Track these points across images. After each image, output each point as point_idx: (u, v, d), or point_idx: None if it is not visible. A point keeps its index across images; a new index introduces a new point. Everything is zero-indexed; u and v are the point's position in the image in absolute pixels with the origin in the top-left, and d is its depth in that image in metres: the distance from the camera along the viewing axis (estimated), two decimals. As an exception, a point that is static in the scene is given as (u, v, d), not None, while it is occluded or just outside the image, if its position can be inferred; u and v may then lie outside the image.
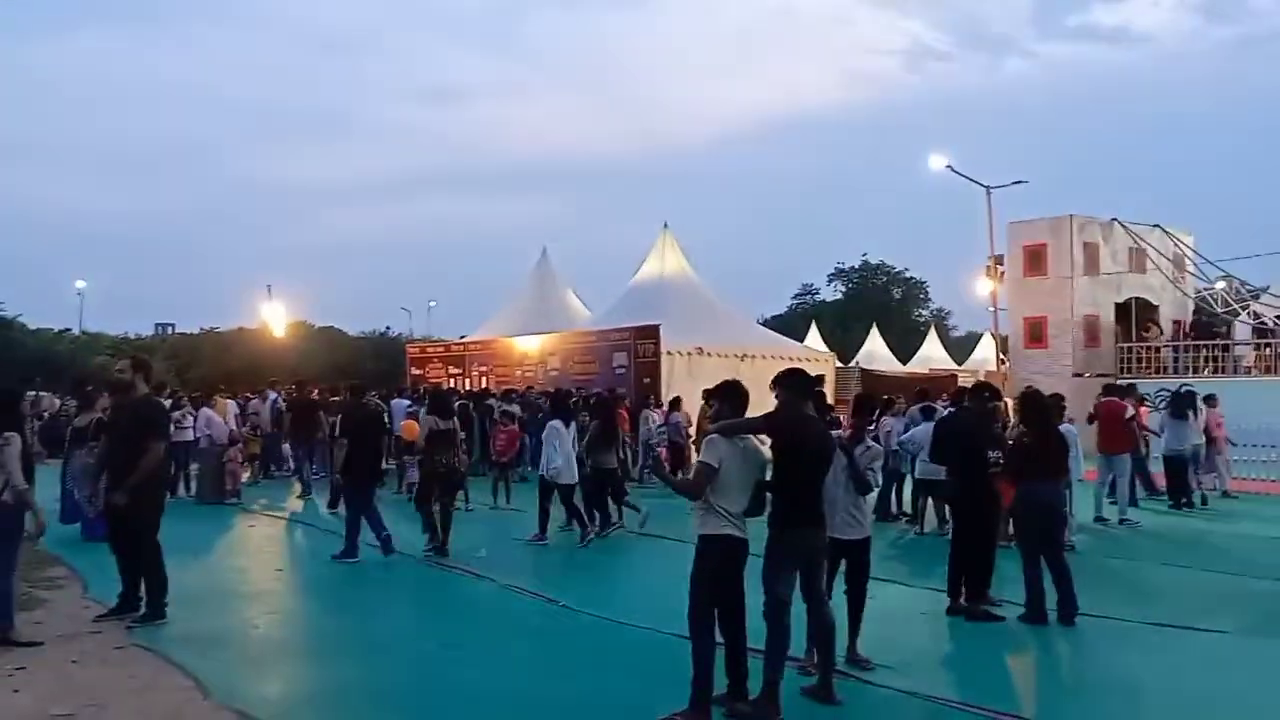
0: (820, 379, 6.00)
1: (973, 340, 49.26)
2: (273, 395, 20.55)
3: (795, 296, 72.16)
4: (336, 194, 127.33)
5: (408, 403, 18.81)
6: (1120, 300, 26.97)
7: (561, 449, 11.43)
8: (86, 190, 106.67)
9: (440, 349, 28.74)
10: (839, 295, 69.76)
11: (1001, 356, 29.77)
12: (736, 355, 21.97)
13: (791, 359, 22.64)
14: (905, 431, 13.20)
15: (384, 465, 13.34)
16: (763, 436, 5.63)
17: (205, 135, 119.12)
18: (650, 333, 20.90)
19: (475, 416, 19.36)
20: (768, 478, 5.55)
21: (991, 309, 29.03)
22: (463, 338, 30.54)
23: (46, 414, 19.80)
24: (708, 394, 5.97)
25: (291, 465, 18.93)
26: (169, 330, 65.21)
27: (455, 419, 11.22)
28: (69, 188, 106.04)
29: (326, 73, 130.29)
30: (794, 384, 5.71)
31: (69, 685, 5.83)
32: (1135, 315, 26.67)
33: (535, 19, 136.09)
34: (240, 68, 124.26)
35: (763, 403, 5.83)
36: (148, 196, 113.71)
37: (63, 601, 8.10)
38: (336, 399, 17.46)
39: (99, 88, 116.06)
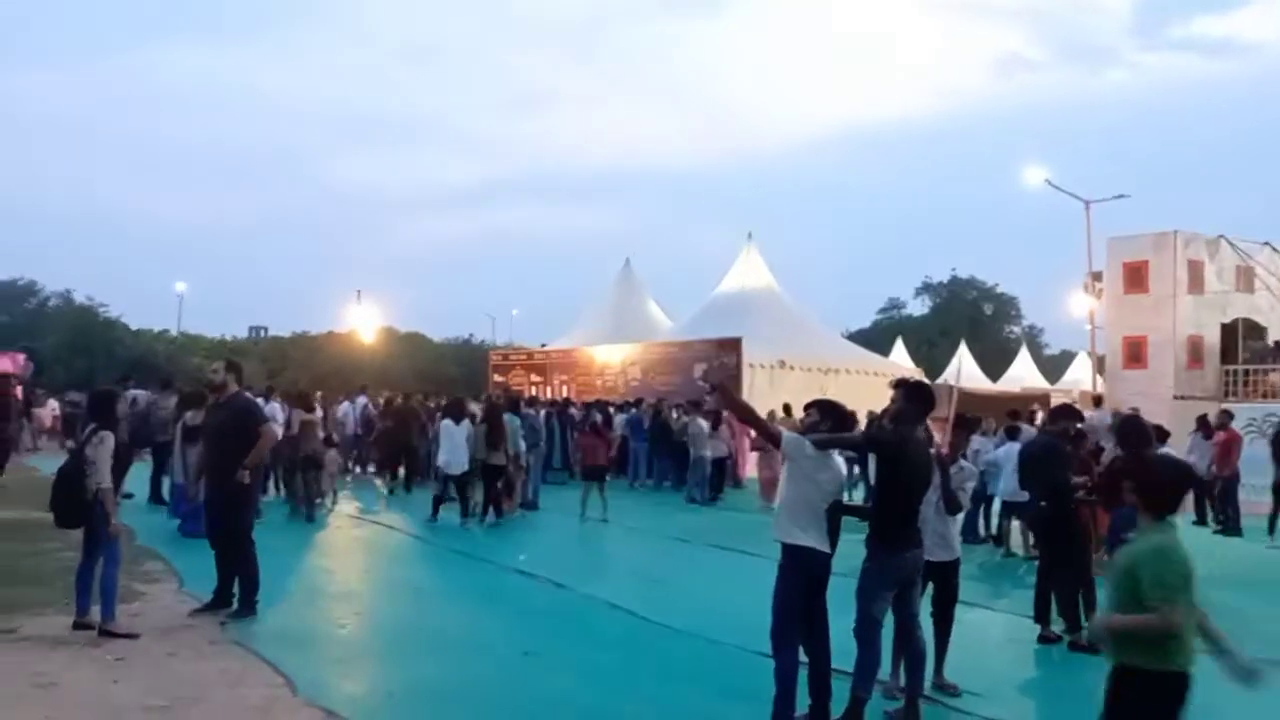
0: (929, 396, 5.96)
1: (1066, 359, 47.91)
2: (362, 400, 21.04)
3: (881, 311, 71.18)
4: (423, 202, 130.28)
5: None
6: (1226, 321, 25.98)
7: (451, 444, 13.46)
8: (185, 196, 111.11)
9: (523, 356, 29.20)
10: (926, 310, 68.61)
11: (1097, 376, 28.93)
12: (820, 369, 21.86)
13: (876, 374, 22.63)
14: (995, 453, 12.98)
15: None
16: (826, 464, 5.55)
17: (298, 143, 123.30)
18: (732, 345, 20.90)
19: (557, 425, 19.72)
20: (843, 500, 5.52)
21: (1089, 327, 28.26)
22: (544, 346, 30.97)
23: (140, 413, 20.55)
24: (809, 405, 5.94)
25: (374, 471, 19.46)
26: (262, 333, 67.32)
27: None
28: (170, 194, 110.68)
29: (413, 81, 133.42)
30: (917, 399, 5.62)
31: (165, 677, 6.03)
32: (1242, 336, 25.65)
33: (618, 28, 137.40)
34: (331, 76, 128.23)
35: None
36: (243, 203, 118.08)
37: (160, 595, 8.39)
38: (432, 404, 18.02)
39: (196, 96, 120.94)
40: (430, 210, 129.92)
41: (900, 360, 35.59)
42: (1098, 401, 17.50)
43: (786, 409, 18.02)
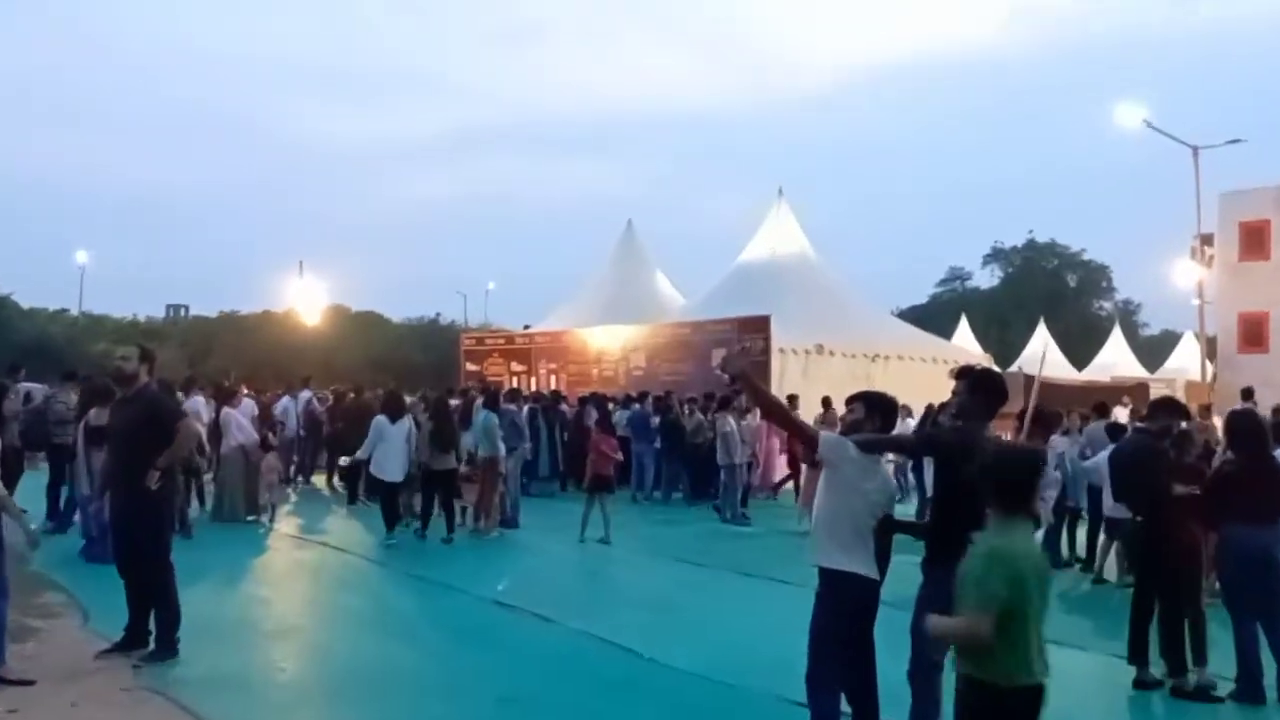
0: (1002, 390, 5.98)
1: (1169, 341, 47.97)
2: (305, 395, 21.10)
3: (941, 283, 71.31)
4: (382, 157, 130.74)
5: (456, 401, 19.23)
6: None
7: (386, 446, 13.83)
8: (94, 155, 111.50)
9: (501, 341, 29.34)
10: (996, 282, 68.71)
11: (1206, 362, 28.84)
12: (866, 355, 21.87)
13: (935, 361, 22.64)
14: (1084, 456, 12.96)
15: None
16: (873, 472, 5.56)
17: (230, 90, 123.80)
18: (759, 325, 20.92)
19: (544, 425, 19.78)
20: (893, 514, 5.55)
21: (1196, 301, 28.16)
22: (528, 328, 31.06)
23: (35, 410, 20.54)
24: (852, 399, 5.95)
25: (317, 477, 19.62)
26: (182, 313, 67.53)
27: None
28: (75, 152, 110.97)
29: (374, 9, 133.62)
30: (985, 391, 5.62)
31: (67, 731, 6.02)
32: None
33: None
34: (265, 17, 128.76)
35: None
36: (161, 161, 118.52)
37: (60, 633, 8.41)
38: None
39: (113, 42, 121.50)
40: (390, 166, 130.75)
41: (964, 343, 35.64)
42: (1247, 394, 17.04)
43: (825, 403, 18.11)
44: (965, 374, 5.73)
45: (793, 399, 18.57)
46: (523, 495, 16.77)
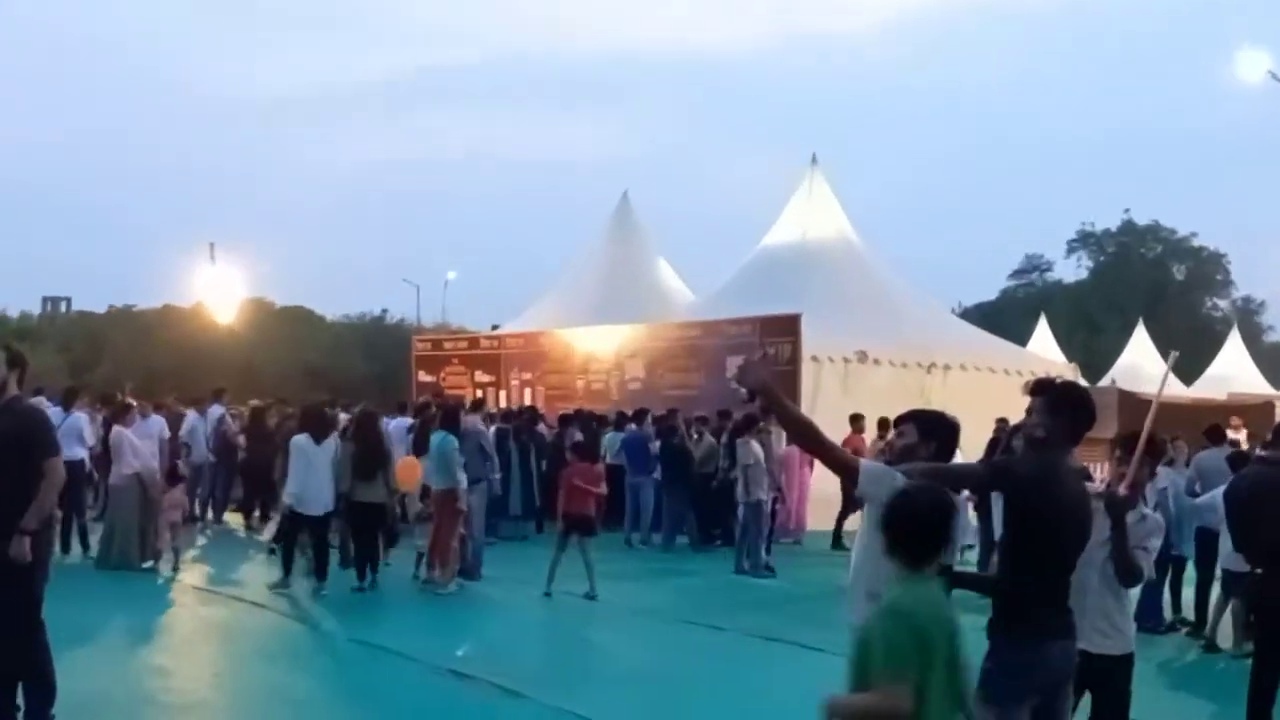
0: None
1: (1300, 349, 47.94)
2: (217, 410, 21.12)
3: (1015, 275, 71.51)
4: (312, 112, 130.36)
5: (409, 421, 19.43)
6: None
7: (307, 472, 13.95)
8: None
9: (462, 344, 29.46)
10: (1083, 273, 68.78)
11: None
12: (919, 364, 21.88)
13: (1007, 372, 22.75)
14: (1193, 493, 12.94)
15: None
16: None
17: (120, 30, 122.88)
18: (785, 326, 20.95)
19: (516, 450, 19.79)
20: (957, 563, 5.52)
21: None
22: (496, 328, 31.14)
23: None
24: (900, 419, 5.98)
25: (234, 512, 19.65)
26: (62, 308, 67.48)
27: None
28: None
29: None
30: (1068, 410, 5.62)
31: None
32: None
33: None
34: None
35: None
36: (28, 117, 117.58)
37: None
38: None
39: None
40: (324, 124, 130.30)
41: (1043, 350, 35.61)
42: None
43: (854, 421, 18.13)
44: (1043, 389, 5.70)
45: (857, 420, 18.72)
46: (490, 538, 16.81)
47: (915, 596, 4.13)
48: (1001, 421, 16.36)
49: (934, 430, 5.74)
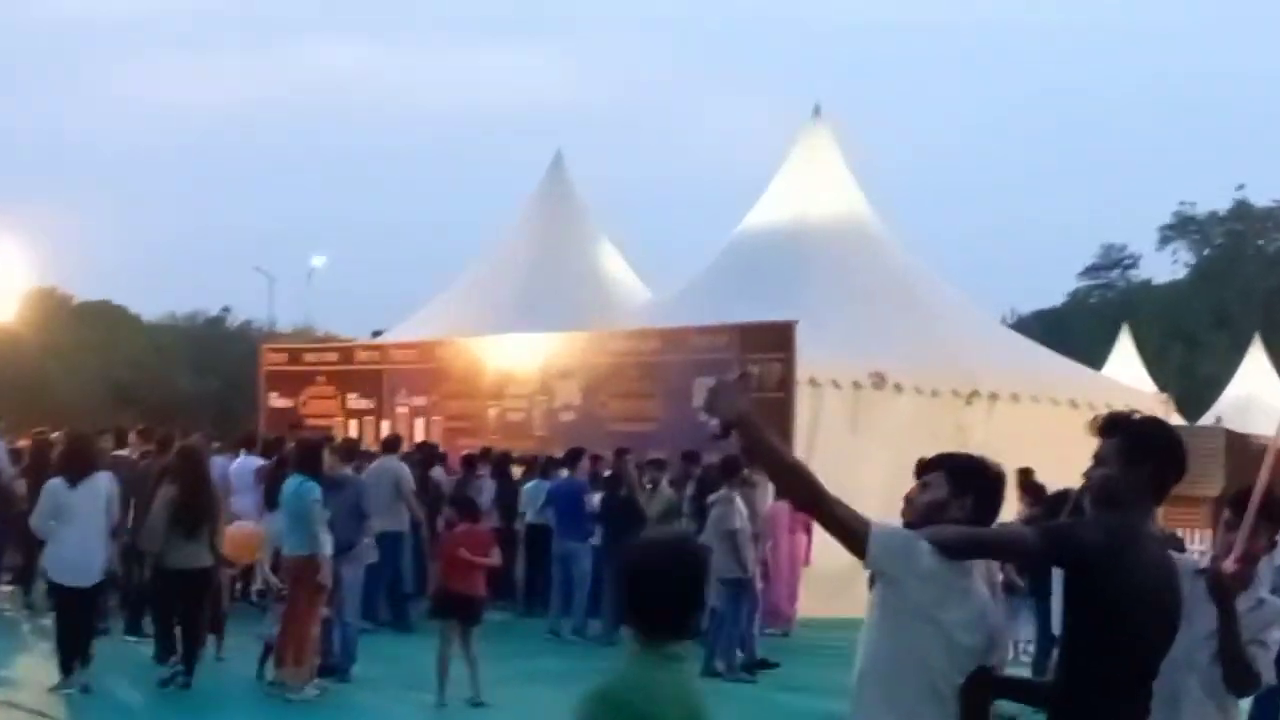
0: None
1: None
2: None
3: (1088, 273, 72.09)
4: (125, 42, 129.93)
5: (259, 462, 19.40)
6: None
7: (69, 528, 13.84)
8: None
9: (331, 357, 29.60)
10: (1181, 271, 69.32)
11: None
12: (956, 392, 21.97)
13: (1074, 404, 22.84)
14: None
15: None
16: (961, 592, 5.48)
17: None
18: (774, 338, 21.08)
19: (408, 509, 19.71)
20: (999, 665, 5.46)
21: None
22: (378, 335, 31.43)
23: None
24: (924, 466, 5.90)
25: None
26: None
27: None
28: None
29: None
30: (1156, 456, 5.52)
31: None
32: None
33: None
34: None
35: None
36: None
37: None
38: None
39: None
40: (150, 59, 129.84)
41: (1125, 374, 35.76)
42: None
43: (924, 468, 17.95)
44: (1115, 428, 5.61)
45: (930, 466, 18.55)
46: (366, 624, 16.94)
47: (642, 681, 4.16)
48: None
49: (970, 481, 5.63)
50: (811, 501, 5.62)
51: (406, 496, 19.00)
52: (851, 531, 5.41)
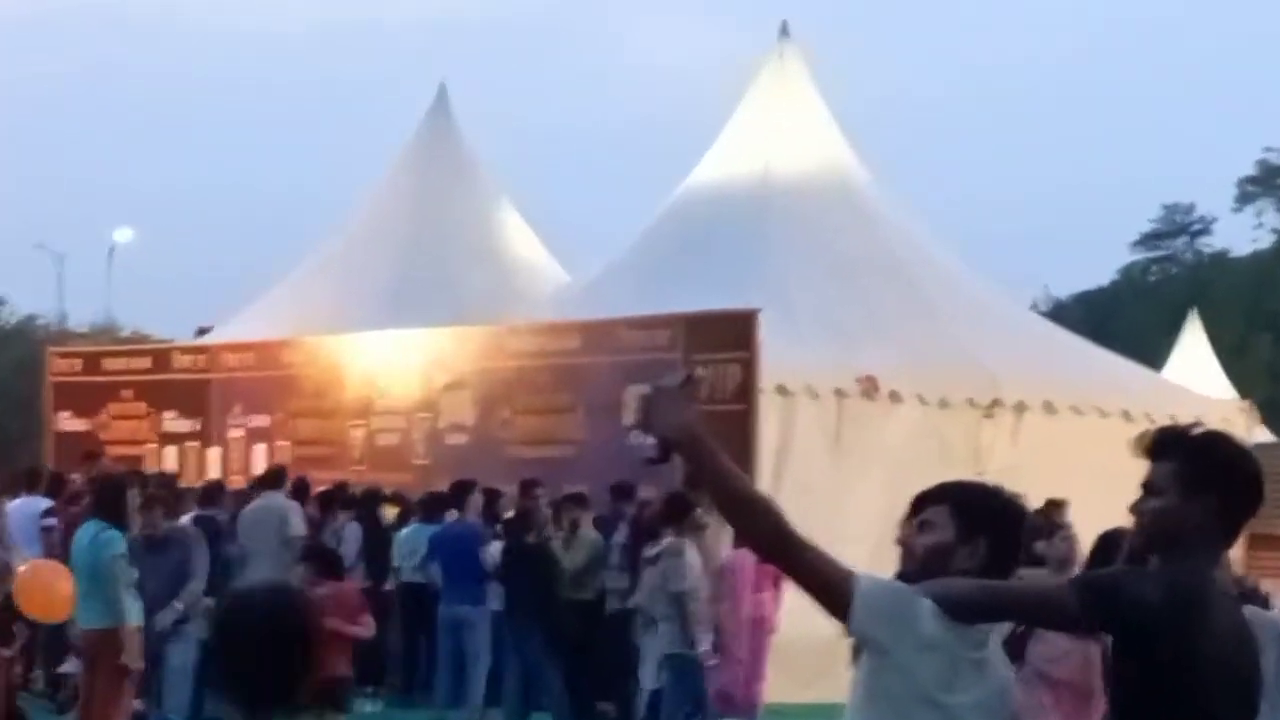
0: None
1: None
2: None
3: (1144, 243, 72.56)
4: None
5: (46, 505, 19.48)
6: None
7: None
8: None
9: (141, 363, 29.48)
10: (1267, 239, 69.65)
11: None
12: (972, 402, 22.02)
13: (1127, 416, 22.83)
14: None
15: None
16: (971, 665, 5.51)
17: None
18: (731, 331, 21.11)
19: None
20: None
21: None
22: (204, 334, 31.49)
23: None
24: (922, 499, 5.90)
25: None
26: None
27: None
28: None
29: None
30: (1222, 484, 5.52)
31: None
32: None
33: None
34: None
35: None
36: None
37: None
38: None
39: None
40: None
41: (1193, 375, 35.90)
42: None
43: (922, 502, 17.95)
44: (1169, 447, 5.61)
45: (931, 499, 18.53)
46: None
47: None
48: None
49: (982, 519, 5.63)
50: (778, 547, 5.59)
51: (295, 540, 18.72)
52: (829, 586, 5.38)
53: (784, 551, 5.52)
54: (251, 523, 17.90)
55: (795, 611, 18.09)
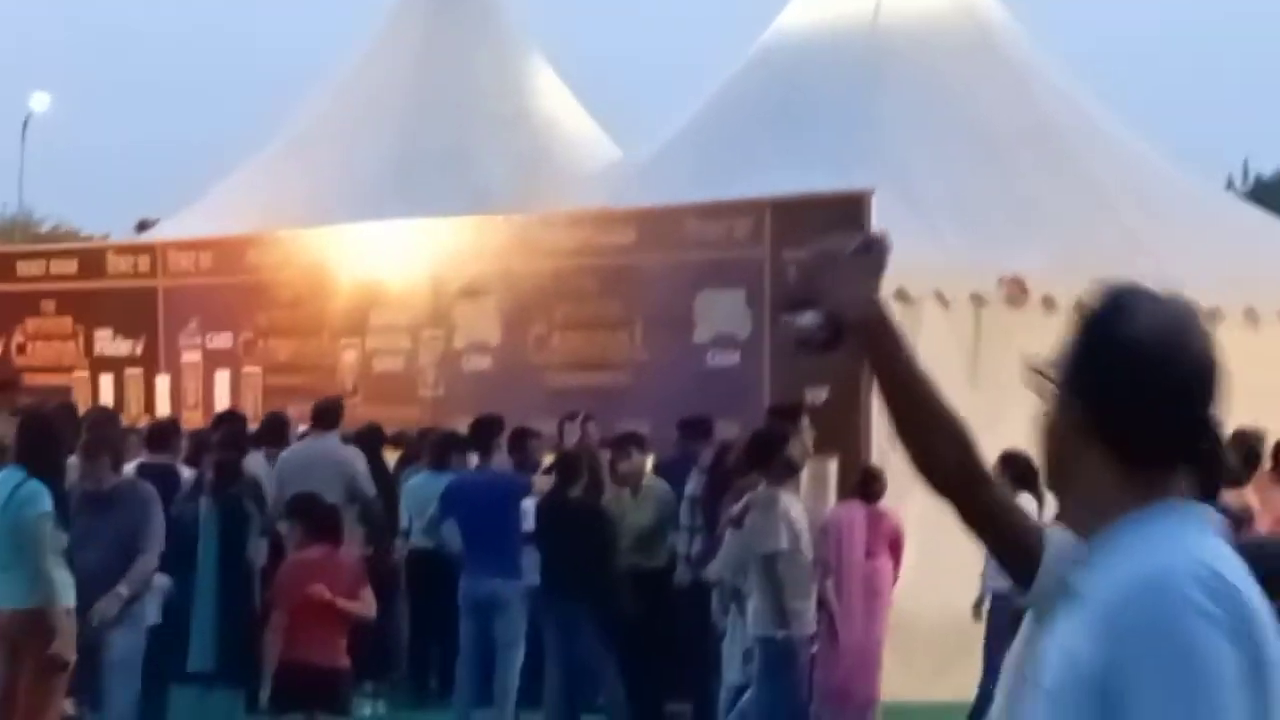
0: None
1: None
2: None
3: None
4: None
5: None
6: None
7: None
8: None
9: (66, 265, 29.50)
10: None
11: None
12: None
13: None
14: None
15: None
16: None
17: None
18: (835, 220, 20.87)
19: (207, 514, 19.59)
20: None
21: None
22: (146, 228, 31.99)
23: None
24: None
25: None
26: None
27: None
28: None
29: None
30: None
31: None
32: None
33: None
34: None
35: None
36: None
37: None
38: None
39: None
40: None
41: None
42: None
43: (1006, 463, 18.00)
44: None
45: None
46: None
47: None
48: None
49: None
50: (963, 484, 5.43)
51: (366, 502, 18.93)
52: (1019, 540, 5.30)
53: (969, 491, 5.39)
54: (296, 475, 17.73)
55: (917, 579, 18.15)
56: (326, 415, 19.84)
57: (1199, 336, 3.98)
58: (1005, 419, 19.03)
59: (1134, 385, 3.93)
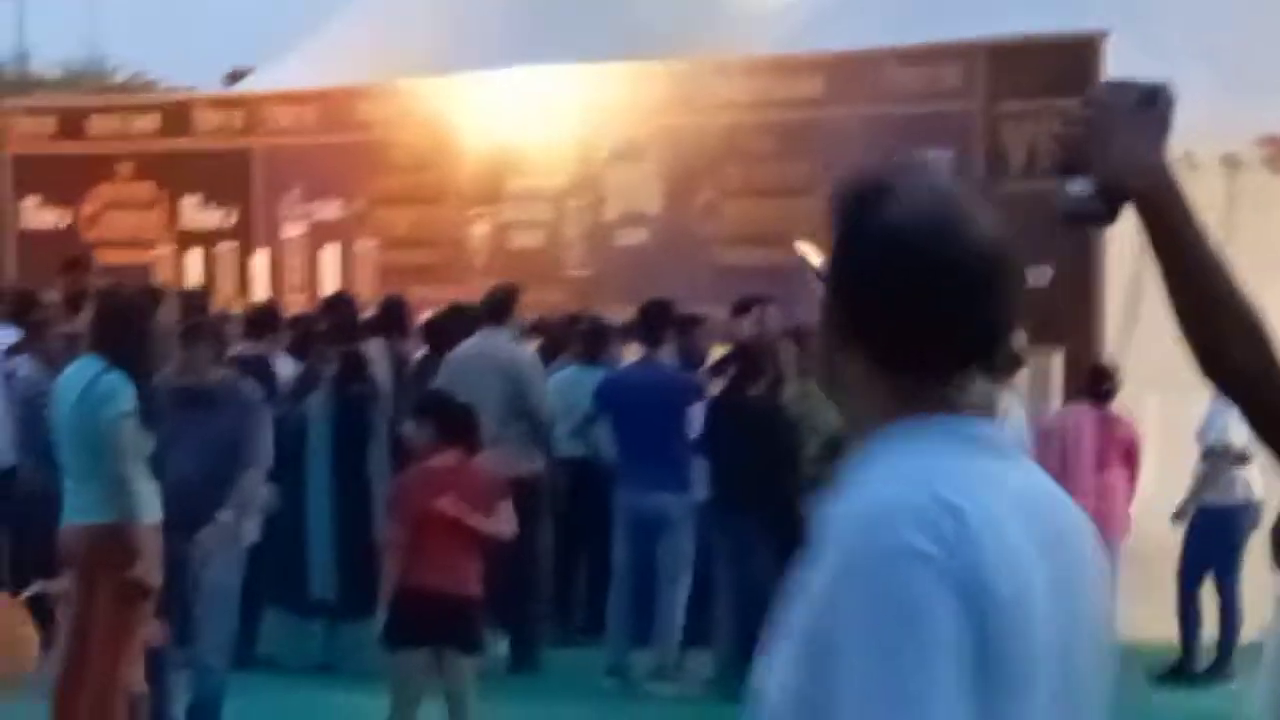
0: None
1: None
2: None
3: None
4: None
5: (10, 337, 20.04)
6: None
7: None
8: None
9: (145, 122, 29.71)
10: None
11: None
12: None
13: None
14: None
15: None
16: None
17: None
18: (1063, 68, 21.02)
19: (317, 415, 19.78)
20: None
21: None
22: (239, 78, 32.34)
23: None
24: None
25: None
26: None
27: None
28: None
29: None
30: None
31: None
32: None
33: None
34: None
35: None
36: None
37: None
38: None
39: None
40: None
41: None
42: None
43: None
44: None
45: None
46: (237, 669, 17.27)
47: None
48: None
49: None
50: (1256, 383, 5.57)
51: (535, 410, 19.32)
52: None
53: (1264, 391, 5.57)
54: (461, 378, 18.06)
55: (1157, 500, 18.34)
56: (499, 307, 19.88)
57: (977, 225, 4.06)
58: (1263, 297, 19.29)
59: (887, 278, 4.00)
